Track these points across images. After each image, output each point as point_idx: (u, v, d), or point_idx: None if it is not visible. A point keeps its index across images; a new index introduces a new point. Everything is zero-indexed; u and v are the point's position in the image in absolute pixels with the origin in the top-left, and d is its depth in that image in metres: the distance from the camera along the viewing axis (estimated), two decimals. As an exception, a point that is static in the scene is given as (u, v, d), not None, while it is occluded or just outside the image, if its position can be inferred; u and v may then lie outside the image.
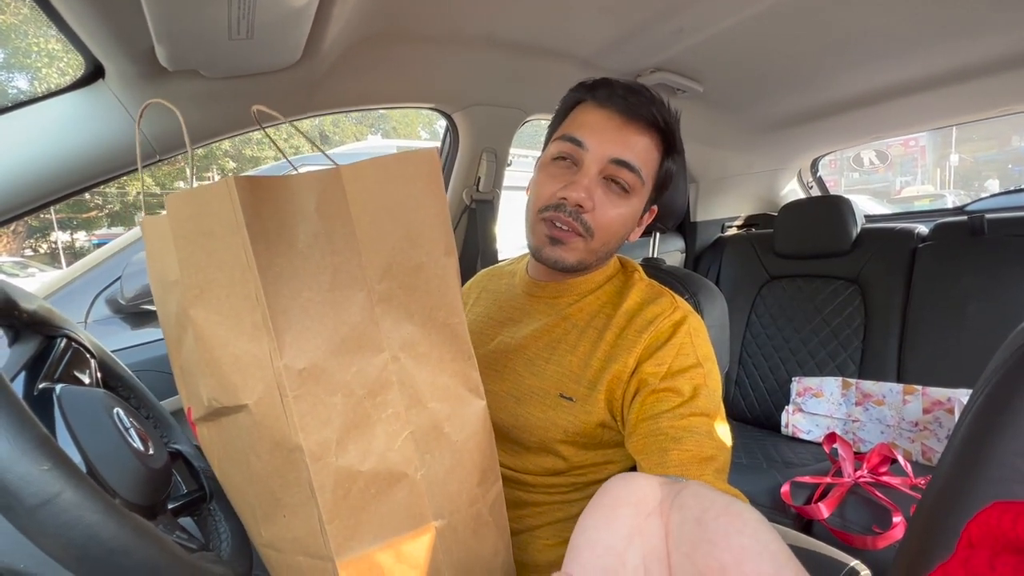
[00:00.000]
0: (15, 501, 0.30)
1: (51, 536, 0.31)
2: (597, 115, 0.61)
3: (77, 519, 0.31)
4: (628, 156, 0.59)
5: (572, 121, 0.63)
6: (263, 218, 0.36)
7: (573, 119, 0.63)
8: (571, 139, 0.60)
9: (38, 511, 0.30)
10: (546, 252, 0.61)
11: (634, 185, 0.61)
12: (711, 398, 0.55)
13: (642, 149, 0.60)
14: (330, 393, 0.38)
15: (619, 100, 0.59)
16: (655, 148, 0.62)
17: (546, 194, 0.61)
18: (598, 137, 0.59)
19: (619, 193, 0.61)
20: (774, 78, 1.31)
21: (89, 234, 11.41)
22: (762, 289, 1.70)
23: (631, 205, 0.62)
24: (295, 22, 0.65)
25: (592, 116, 0.61)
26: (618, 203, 0.61)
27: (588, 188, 0.59)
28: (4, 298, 0.46)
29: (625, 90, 0.60)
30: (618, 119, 0.60)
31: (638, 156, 0.60)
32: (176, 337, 0.43)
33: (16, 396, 0.33)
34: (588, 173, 0.59)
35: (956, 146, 13.63)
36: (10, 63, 9.64)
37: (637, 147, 0.60)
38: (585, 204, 0.58)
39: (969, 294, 1.35)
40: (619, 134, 0.59)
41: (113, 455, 0.43)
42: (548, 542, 0.63)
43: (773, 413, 1.57)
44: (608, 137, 0.59)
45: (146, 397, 0.61)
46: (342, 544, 0.39)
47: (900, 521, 0.97)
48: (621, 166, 0.59)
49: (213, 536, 0.54)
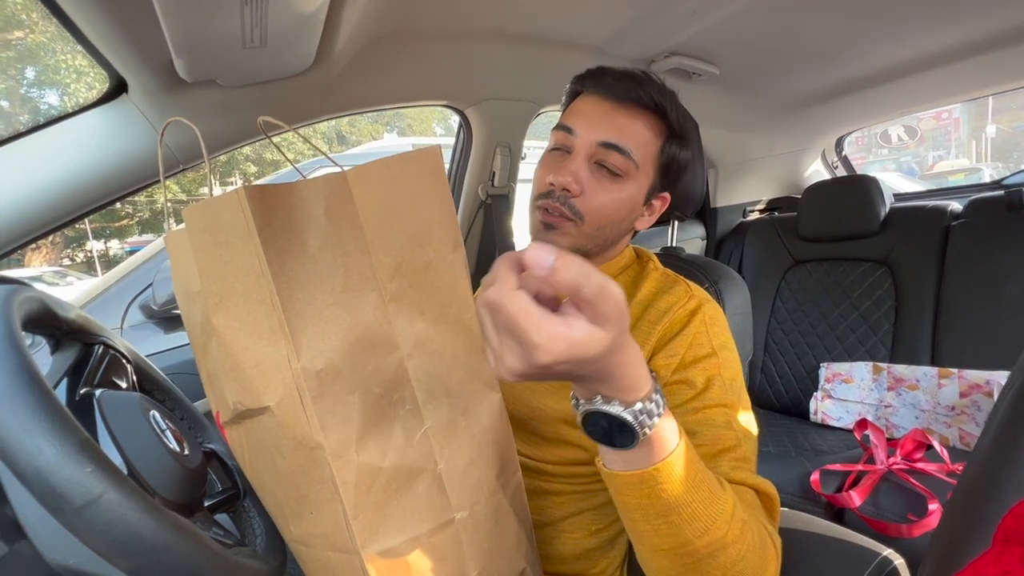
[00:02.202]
0: (63, 502, 0.32)
1: (97, 534, 0.33)
2: (588, 102, 0.61)
3: (120, 518, 0.33)
4: (617, 139, 0.59)
5: (568, 111, 0.64)
6: (274, 225, 0.37)
7: (570, 110, 0.64)
8: (563, 127, 0.61)
9: (84, 511, 0.32)
10: (540, 238, 0.62)
11: (626, 169, 0.60)
12: (728, 388, 0.55)
13: (634, 132, 0.60)
14: (348, 392, 0.39)
15: (608, 84, 0.60)
16: (650, 130, 0.61)
17: (541, 182, 0.62)
18: (586, 122, 0.60)
19: (611, 177, 0.60)
20: (794, 55, 1.26)
21: (122, 242, 11.84)
22: (787, 274, 1.66)
23: (625, 189, 0.61)
24: (306, 28, 0.66)
25: (584, 103, 0.62)
26: (610, 187, 0.60)
27: (575, 172, 0.59)
28: (45, 309, 0.48)
29: (617, 75, 0.60)
30: (607, 103, 0.60)
31: (629, 139, 0.59)
32: (202, 345, 0.45)
33: (60, 403, 0.34)
34: (576, 158, 0.60)
35: (992, 116, 12.97)
36: (41, 80, 10.03)
37: (628, 130, 0.59)
38: (572, 188, 0.58)
39: (1007, 272, 1.29)
40: (607, 118, 0.59)
41: (151, 456, 0.45)
42: (574, 535, 0.63)
43: (801, 400, 1.53)
44: (596, 121, 0.59)
45: (180, 399, 0.63)
46: (367, 538, 0.40)
47: (936, 508, 0.94)
48: (610, 149, 0.59)
49: (248, 532, 0.56)
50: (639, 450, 0.36)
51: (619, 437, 0.36)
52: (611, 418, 0.35)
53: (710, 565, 0.39)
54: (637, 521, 0.40)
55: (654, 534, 0.39)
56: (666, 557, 0.40)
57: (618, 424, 0.35)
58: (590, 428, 0.37)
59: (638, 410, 0.34)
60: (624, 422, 0.34)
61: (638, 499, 0.38)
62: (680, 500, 0.38)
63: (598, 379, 0.33)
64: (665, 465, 0.37)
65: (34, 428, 0.32)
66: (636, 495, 0.38)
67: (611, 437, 0.36)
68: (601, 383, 0.34)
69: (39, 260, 10.50)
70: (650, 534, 0.40)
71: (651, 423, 0.35)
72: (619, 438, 0.36)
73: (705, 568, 0.40)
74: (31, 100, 10.41)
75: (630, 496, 0.39)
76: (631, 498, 0.39)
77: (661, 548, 0.40)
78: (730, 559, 0.39)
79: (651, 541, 0.40)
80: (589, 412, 0.35)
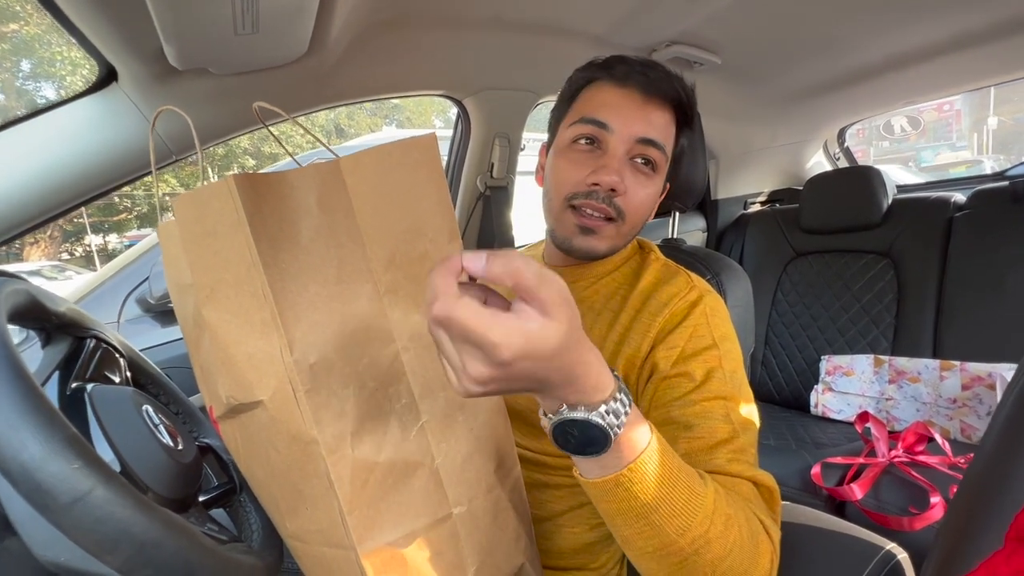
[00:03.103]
0: (50, 499, 0.31)
1: (85, 532, 0.32)
2: (617, 94, 0.59)
3: (109, 515, 0.32)
4: (652, 134, 0.58)
5: (588, 102, 0.61)
6: (265, 215, 0.36)
7: (589, 100, 0.61)
8: (593, 121, 0.59)
9: (72, 508, 0.31)
10: (577, 242, 0.60)
11: (660, 163, 0.60)
12: (728, 380, 0.54)
13: (663, 125, 0.60)
14: (342, 386, 0.38)
15: (638, 76, 0.58)
16: (673, 124, 0.61)
17: (572, 180, 0.59)
18: (623, 117, 0.58)
19: (647, 173, 0.60)
20: (796, 45, 1.25)
21: (121, 236, 11.82)
22: (788, 266, 1.65)
23: (656, 184, 0.62)
24: (300, 13, 0.64)
25: (612, 95, 0.59)
26: (646, 183, 0.60)
27: (619, 171, 0.58)
28: (33, 302, 0.47)
29: (643, 66, 0.59)
30: (639, 96, 0.58)
31: (660, 133, 0.59)
32: (195, 338, 0.44)
33: (47, 398, 0.33)
34: (616, 155, 0.58)
35: (994, 108, 12.90)
36: (36, 72, 9.96)
37: (659, 123, 0.59)
38: (619, 187, 0.57)
39: (1010, 264, 1.28)
40: (642, 111, 0.58)
41: (144, 451, 0.44)
42: (574, 530, 0.63)
43: (802, 393, 1.53)
44: (632, 115, 0.58)
45: (175, 393, 0.62)
46: (363, 534, 0.40)
47: (938, 501, 0.94)
48: (648, 144, 0.58)
49: (244, 527, 0.56)
50: (611, 453, 0.36)
51: (591, 443, 0.35)
52: (580, 424, 0.34)
53: (696, 563, 0.39)
54: (620, 527, 0.40)
55: (637, 537, 0.39)
56: (653, 559, 0.40)
57: (587, 429, 0.34)
58: (561, 441, 0.36)
59: (604, 411, 0.34)
60: (593, 425, 0.34)
61: (617, 503, 0.38)
62: (657, 498, 0.37)
63: (561, 382, 0.32)
64: (638, 465, 0.36)
65: (19, 423, 0.31)
66: (615, 500, 0.38)
67: (583, 445, 0.35)
68: (565, 387, 0.33)
69: (37, 254, 10.49)
70: (634, 538, 0.40)
71: (619, 422, 0.35)
72: (591, 444, 0.35)
73: (692, 567, 0.39)
74: (27, 92, 10.35)
75: (610, 502, 0.38)
76: (611, 504, 0.38)
77: (646, 551, 0.40)
78: (716, 555, 0.39)
79: (636, 545, 0.40)
80: (558, 423, 0.35)
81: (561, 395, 0.34)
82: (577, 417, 0.34)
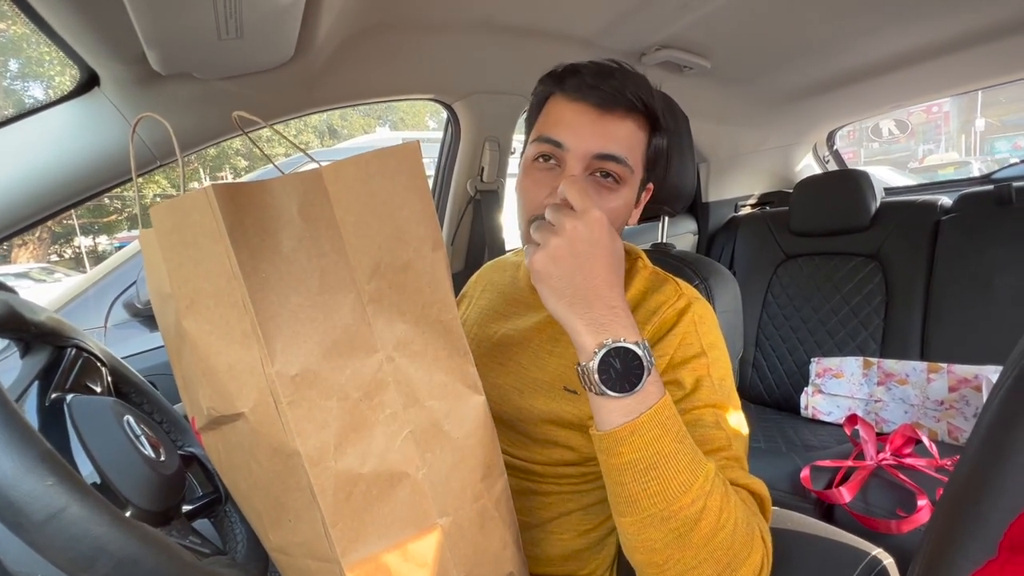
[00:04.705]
0: (23, 517, 0.30)
1: (59, 550, 0.31)
2: (570, 110, 0.56)
3: (84, 532, 0.32)
4: (611, 148, 0.55)
5: (546, 119, 0.59)
6: (245, 225, 0.35)
7: (547, 116, 0.59)
8: (548, 140, 0.57)
9: (46, 526, 0.31)
10: None
11: (623, 175, 0.57)
12: (717, 388, 0.54)
13: (625, 136, 0.56)
14: (325, 397, 0.38)
15: (590, 91, 0.55)
16: (640, 130, 0.58)
17: (534, 202, 0.57)
18: (576, 134, 0.55)
19: (610, 187, 0.57)
20: (785, 48, 1.26)
21: (111, 238, 11.68)
22: (778, 269, 1.66)
23: (622, 196, 0.59)
24: (285, 18, 0.64)
25: (565, 112, 0.56)
26: (609, 197, 0.57)
27: None
28: (10, 312, 0.46)
29: (595, 77, 0.55)
30: (593, 111, 0.55)
31: (622, 145, 0.56)
32: (176, 349, 0.43)
33: (19, 413, 0.33)
34: (573, 172, 0.56)
35: (982, 110, 13.07)
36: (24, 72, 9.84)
37: (619, 135, 0.56)
38: None
39: (996, 267, 1.30)
40: (597, 127, 0.55)
41: (124, 463, 0.44)
42: (563, 536, 0.63)
43: (792, 395, 1.54)
44: (586, 132, 0.55)
45: (159, 402, 0.61)
46: (347, 547, 0.39)
47: (925, 504, 0.95)
48: (606, 159, 0.56)
49: (230, 538, 0.55)
50: (638, 395, 0.40)
51: (629, 376, 0.40)
52: (623, 353, 0.40)
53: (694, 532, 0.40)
54: (627, 483, 0.42)
55: (642, 494, 0.41)
56: (652, 524, 0.41)
57: (629, 359, 0.40)
58: (603, 374, 0.40)
59: (644, 343, 0.40)
60: (636, 355, 0.40)
61: (632, 453, 0.41)
62: (669, 449, 0.40)
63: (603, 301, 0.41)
64: (659, 409, 0.41)
65: None
66: (633, 448, 0.41)
67: (623, 377, 0.40)
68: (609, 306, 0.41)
69: (26, 256, 10.35)
70: (639, 495, 0.41)
71: (651, 360, 0.40)
72: (629, 377, 0.40)
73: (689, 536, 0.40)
74: (15, 93, 10.21)
75: (626, 452, 0.41)
76: (626, 454, 0.41)
77: (649, 513, 0.41)
78: (711, 525, 0.40)
79: (641, 505, 0.41)
80: (604, 354, 0.40)
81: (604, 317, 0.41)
82: (624, 345, 0.40)
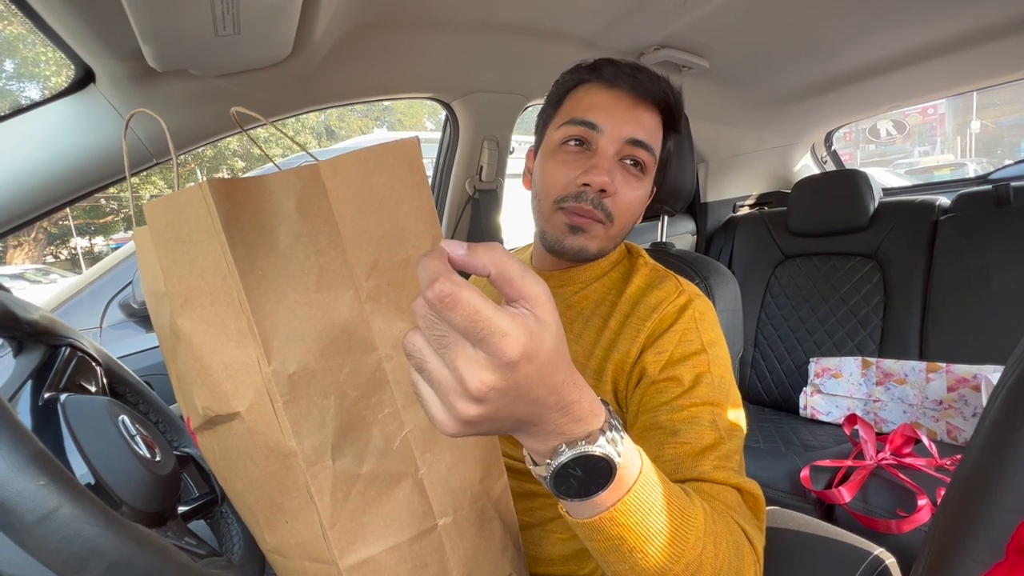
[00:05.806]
0: (14, 518, 0.30)
1: (52, 551, 0.31)
2: (606, 95, 0.60)
3: (77, 533, 0.31)
4: (642, 135, 0.59)
5: (577, 104, 0.61)
6: (241, 221, 0.34)
7: (578, 102, 0.61)
8: (583, 122, 0.59)
9: (37, 527, 0.30)
10: (568, 242, 0.60)
11: (648, 164, 0.61)
12: (716, 385, 0.54)
13: (652, 127, 0.60)
14: (322, 396, 0.37)
15: (627, 78, 0.59)
16: (661, 127, 0.62)
17: (562, 182, 0.59)
18: (612, 118, 0.59)
19: (636, 174, 0.60)
20: (784, 49, 1.26)
21: (107, 239, 11.63)
22: (776, 269, 1.66)
23: (645, 186, 0.62)
24: (282, 14, 0.63)
25: (601, 97, 0.60)
26: (635, 185, 0.61)
27: (609, 171, 0.58)
28: (3, 310, 0.46)
29: (631, 68, 0.60)
30: (628, 98, 0.59)
31: (649, 135, 0.60)
32: (171, 348, 0.43)
33: (11, 412, 0.32)
34: (606, 155, 0.58)
35: (977, 112, 13.14)
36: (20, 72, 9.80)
37: (649, 124, 0.60)
38: (609, 188, 0.58)
39: (995, 266, 1.30)
40: (631, 113, 0.59)
41: (119, 463, 0.43)
42: (561, 536, 0.62)
43: (791, 395, 1.54)
44: (622, 117, 0.59)
45: (155, 402, 0.61)
46: (345, 548, 0.39)
47: (925, 504, 0.94)
48: (637, 146, 0.59)
49: (226, 539, 0.54)
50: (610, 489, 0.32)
51: (595, 480, 0.31)
52: (583, 461, 0.30)
53: None
54: (613, 563, 0.36)
55: (631, 572, 0.36)
56: None
57: (592, 465, 0.30)
58: (563, 487, 0.31)
59: (605, 440, 0.30)
60: (598, 458, 0.30)
61: (611, 541, 0.34)
62: (653, 528, 0.34)
63: (556, 405, 0.28)
64: (633, 495, 0.33)
65: None
66: (610, 537, 0.34)
67: (587, 485, 0.31)
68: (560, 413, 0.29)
69: (21, 257, 10.29)
70: (627, 573, 0.36)
71: (618, 449, 0.31)
72: (596, 482, 0.31)
73: None
74: (10, 93, 10.17)
75: (604, 540, 0.34)
76: (605, 541, 0.34)
77: None
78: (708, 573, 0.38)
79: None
80: (560, 468, 0.30)
81: (556, 426, 0.29)
82: (580, 453, 0.29)
